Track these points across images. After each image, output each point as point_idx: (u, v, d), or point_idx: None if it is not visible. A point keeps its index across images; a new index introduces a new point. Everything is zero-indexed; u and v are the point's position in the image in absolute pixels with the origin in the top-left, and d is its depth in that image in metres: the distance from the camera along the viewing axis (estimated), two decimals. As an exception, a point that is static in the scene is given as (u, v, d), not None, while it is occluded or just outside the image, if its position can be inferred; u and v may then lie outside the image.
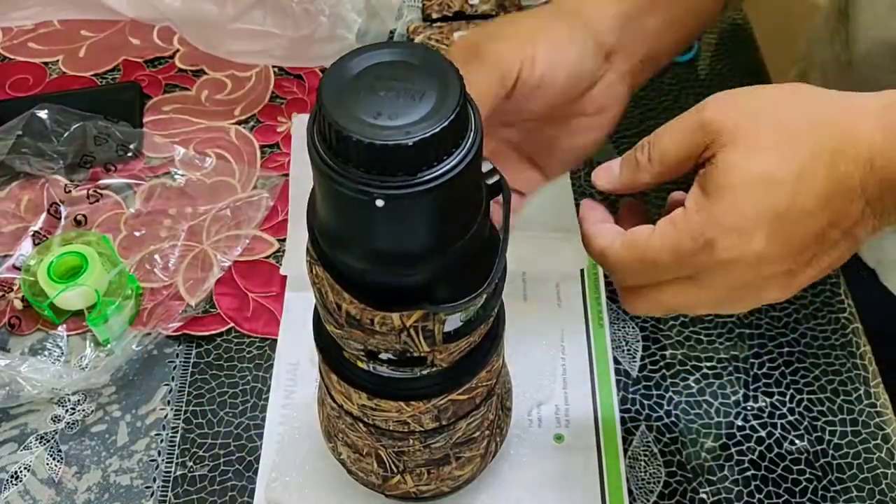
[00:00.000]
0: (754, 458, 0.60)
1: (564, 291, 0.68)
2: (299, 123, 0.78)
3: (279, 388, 0.64)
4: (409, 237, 0.38)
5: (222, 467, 0.61)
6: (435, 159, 0.36)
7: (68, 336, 0.67)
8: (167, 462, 0.61)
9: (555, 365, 0.64)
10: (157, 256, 0.70)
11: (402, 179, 0.35)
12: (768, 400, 0.63)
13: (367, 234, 0.38)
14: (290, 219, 0.72)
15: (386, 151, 0.34)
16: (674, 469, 0.60)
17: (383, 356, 0.44)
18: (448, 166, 0.36)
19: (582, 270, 0.69)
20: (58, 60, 0.84)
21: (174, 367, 0.66)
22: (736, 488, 0.59)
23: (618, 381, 0.64)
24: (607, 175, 0.48)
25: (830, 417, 0.62)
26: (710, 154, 0.43)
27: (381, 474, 0.52)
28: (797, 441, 0.61)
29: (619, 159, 0.47)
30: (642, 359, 0.65)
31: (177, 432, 0.63)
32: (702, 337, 0.66)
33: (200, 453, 0.62)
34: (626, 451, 0.60)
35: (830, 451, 0.60)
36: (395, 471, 0.51)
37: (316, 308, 0.47)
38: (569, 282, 0.68)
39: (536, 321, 0.62)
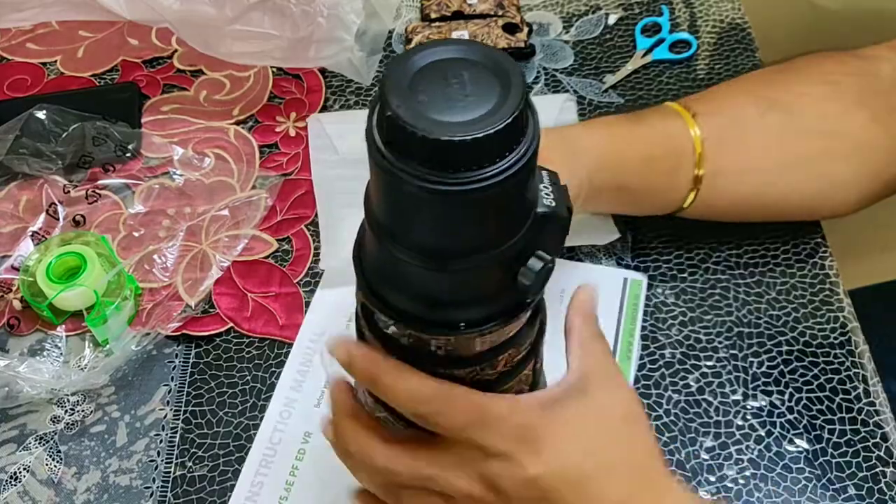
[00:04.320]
0: (753, 457, 0.60)
1: (599, 315, 0.66)
2: (314, 122, 0.78)
3: (286, 384, 0.64)
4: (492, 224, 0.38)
5: (222, 467, 0.61)
6: (515, 143, 0.36)
7: (67, 336, 0.67)
8: (166, 462, 0.61)
9: None
10: (155, 256, 0.70)
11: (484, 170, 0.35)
12: (767, 399, 0.63)
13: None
14: (321, 215, 0.72)
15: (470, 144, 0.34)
16: (673, 468, 0.60)
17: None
18: (522, 151, 0.36)
19: (622, 301, 0.66)
20: (56, 61, 0.84)
21: (173, 368, 0.66)
22: (735, 487, 0.59)
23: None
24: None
25: (829, 416, 0.62)
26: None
27: None
28: (796, 440, 0.61)
29: None
30: (641, 358, 0.65)
31: (176, 432, 0.63)
32: (701, 336, 0.66)
33: (200, 453, 0.62)
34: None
35: (829, 450, 0.60)
36: None
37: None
38: (604, 308, 0.64)
39: (562, 339, 0.63)
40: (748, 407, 0.62)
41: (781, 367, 0.64)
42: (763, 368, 0.64)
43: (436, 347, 0.42)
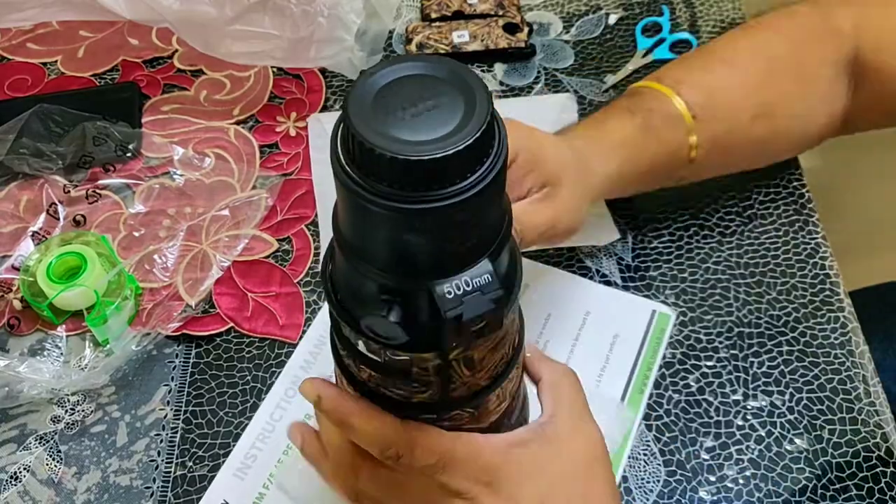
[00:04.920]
0: (754, 457, 0.60)
1: (620, 344, 0.65)
2: (315, 122, 0.78)
3: (287, 378, 0.64)
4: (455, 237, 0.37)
5: (222, 467, 0.61)
6: (478, 163, 0.35)
7: (67, 336, 0.67)
8: (167, 462, 0.61)
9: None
10: (156, 256, 0.70)
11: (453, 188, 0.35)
12: (767, 399, 0.63)
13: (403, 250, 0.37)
14: (321, 215, 0.72)
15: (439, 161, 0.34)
16: (673, 468, 0.60)
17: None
18: (486, 168, 0.35)
19: (646, 333, 0.66)
20: (56, 61, 0.84)
21: (173, 368, 0.66)
22: (735, 487, 0.59)
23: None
24: None
25: (829, 416, 0.62)
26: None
27: None
28: (796, 440, 0.61)
29: None
30: (642, 358, 0.65)
31: (176, 432, 0.63)
32: (701, 336, 0.66)
33: (200, 453, 0.62)
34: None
35: (830, 450, 0.60)
36: None
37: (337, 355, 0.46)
38: (627, 337, 0.65)
39: (578, 360, 0.62)
40: (748, 407, 0.62)
41: (782, 367, 0.64)
42: (763, 368, 0.64)
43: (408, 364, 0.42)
